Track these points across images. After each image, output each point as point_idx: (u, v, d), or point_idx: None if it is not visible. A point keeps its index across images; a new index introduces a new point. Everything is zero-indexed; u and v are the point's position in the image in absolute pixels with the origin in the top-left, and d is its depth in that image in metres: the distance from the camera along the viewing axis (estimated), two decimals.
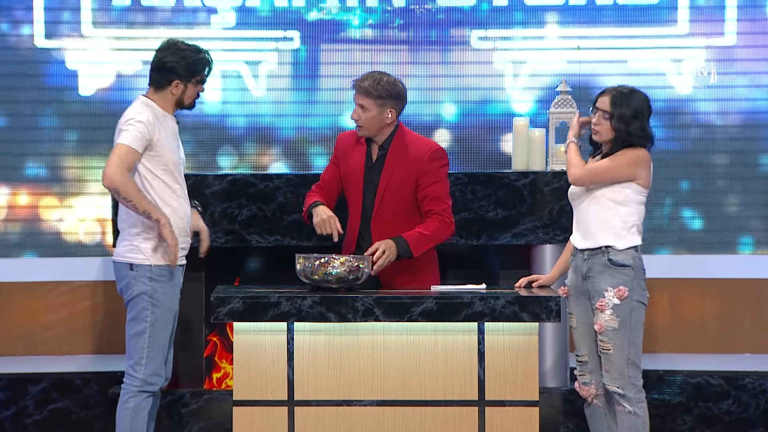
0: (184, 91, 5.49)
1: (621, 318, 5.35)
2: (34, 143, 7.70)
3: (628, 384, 5.37)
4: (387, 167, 5.75)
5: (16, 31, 7.71)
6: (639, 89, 5.48)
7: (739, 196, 7.69)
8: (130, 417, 5.42)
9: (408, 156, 5.76)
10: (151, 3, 7.70)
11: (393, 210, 5.73)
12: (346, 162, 5.84)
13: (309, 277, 5.35)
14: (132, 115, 5.41)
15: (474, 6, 7.70)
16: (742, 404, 6.83)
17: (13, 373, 6.95)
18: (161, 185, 5.44)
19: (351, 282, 5.34)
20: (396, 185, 5.73)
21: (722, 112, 7.70)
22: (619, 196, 5.40)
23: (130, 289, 5.44)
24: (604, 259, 5.39)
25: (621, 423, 5.38)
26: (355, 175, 5.78)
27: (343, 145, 5.89)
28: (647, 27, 7.69)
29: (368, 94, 5.71)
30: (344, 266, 5.32)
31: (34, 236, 7.71)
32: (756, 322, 7.70)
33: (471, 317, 5.21)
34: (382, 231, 5.70)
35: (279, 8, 7.71)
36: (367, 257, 5.40)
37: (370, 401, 5.29)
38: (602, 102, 5.45)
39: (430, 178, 5.75)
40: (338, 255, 5.36)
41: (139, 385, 5.43)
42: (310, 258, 5.33)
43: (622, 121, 5.39)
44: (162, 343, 5.45)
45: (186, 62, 5.45)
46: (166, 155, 5.43)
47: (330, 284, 5.34)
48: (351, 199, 5.83)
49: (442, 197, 5.77)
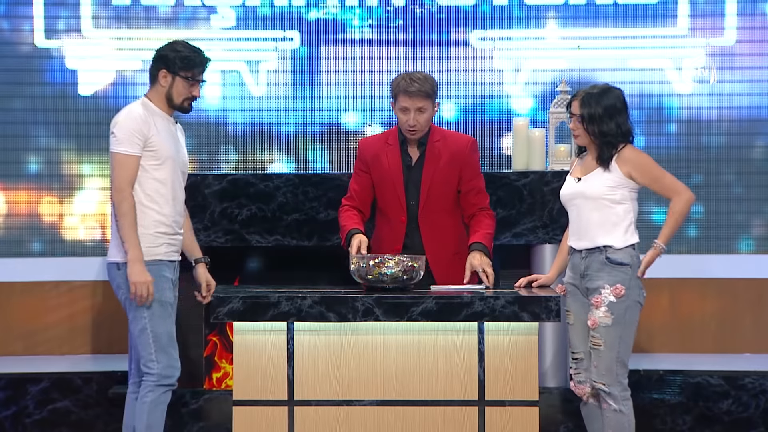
0: (172, 83, 5.46)
1: (615, 315, 5.34)
2: (33, 143, 7.70)
3: (615, 381, 5.36)
4: (429, 163, 5.70)
5: (16, 31, 7.71)
6: (612, 86, 5.43)
7: (739, 195, 7.69)
8: (147, 410, 5.41)
9: (448, 149, 5.71)
10: (151, 2, 7.70)
11: (439, 204, 5.71)
12: (378, 167, 5.72)
13: (363, 277, 5.34)
14: (122, 116, 5.39)
15: (474, 6, 7.70)
16: (742, 404, 6.83)
17: (13, 373, 6.95)
18: (152, 183, 5.41)
19: (405, 282, 5.33)
20: (441, 180, 5.69)
21: (722, 112, 7.70)
22: (616, 195, 5.39)
23: (121, 290, 5.44)
24: (602, 257, 5.38)
25: (607, 421, 5.37)
26: (393, 177, 5.70)
27: (371, 151, 5.76)
28: (647, 27, 7.69)
29: (428, 96, 5.61)
30: (399, 266, 5.32)
31: (33, 236, 7.71)
32: (756, 321, 7.70)
33: (471, 317, 5.20)
34: (431, 227, 5.69)
35: (279, 8, 7.71)
36: (420, 257, 5.38)
37: (369, 401, 5.29)
38: (574, 106, 5.41)
39: (473, 170, 5.74)
40: (392, 255, 5.35)
41: (156, 380, 5.43)
42: (364, 258, 5.33)
43: (593, 122, 5.36)
44: (166, 335, 5.44)
45: (177, 55, 5.44)
46: (159, 150, 5.40)
47: (385, 284, 5.33)
48: (390, 201, 5.73)
49: (484, 190, 5.79)
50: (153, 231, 5.43)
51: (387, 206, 5.74)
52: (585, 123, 5.37)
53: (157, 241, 5.43)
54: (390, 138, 5.77)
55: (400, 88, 5.62)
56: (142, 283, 5.34)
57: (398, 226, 5.73)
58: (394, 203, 5.73)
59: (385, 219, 5.77)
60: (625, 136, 5.39)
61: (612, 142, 5.36)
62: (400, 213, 5.71)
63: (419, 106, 5.60)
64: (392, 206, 5.73)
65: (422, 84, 5.60)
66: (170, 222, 5.48)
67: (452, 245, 5.74)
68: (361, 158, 5.78)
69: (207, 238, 6.79)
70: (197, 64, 5.48)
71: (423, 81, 5.61)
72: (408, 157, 5.73)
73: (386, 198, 5.74)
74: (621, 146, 5.39)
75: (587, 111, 5.36)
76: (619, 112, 5.37)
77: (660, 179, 5.39)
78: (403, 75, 5.66)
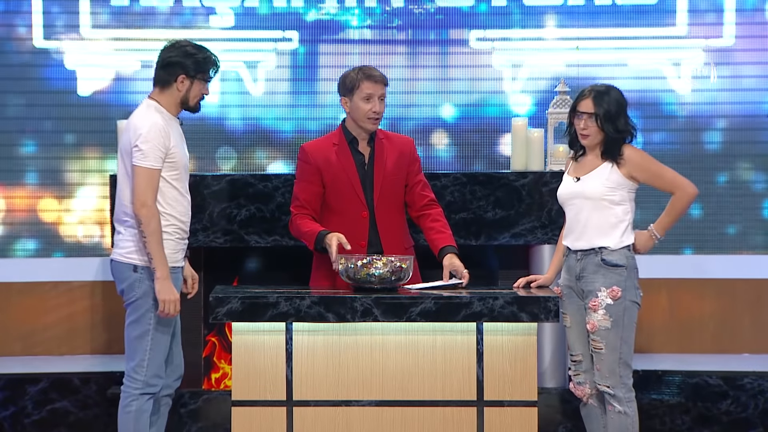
0: (190, 88, 5.46)
1: (614, 318, 5.35)
2: (32, 143, 7.70)
3: (619, 383, 5.36)
4: (380, 160, 5.73)
5: (15, 32, 7.71)
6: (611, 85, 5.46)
7: (738, 195, 7.69)
8: (133, 420, 5.41)
9: (394, 147, 5.76)
10: (149, 3, 7.70)
11: (391, 200, 5.73)
12: (330, 168, 5.70)
13: (352, 277, 5.35)
14: (145, 128, 5.34)
15: (473, 7, 7.70)
16: (740, 404, 6.83)
17: (11, 374, 6.95)
18: (173, 193, 5.41)
19: (394, 282, 5.34)
20: (392, 176, 5.72)
21: (720, 111, 7.71)
22: (616, 196, 5.39)
23: (132, 291, 5.41)
24: (597, 259, 5.38)
25: (611, 423, 5.38)
26: (349, 175, 5.70)
27: (321, 155, 5.72)
28: (646, 28, 7.69)
29: (386, 84, 5.71)
30: (387, 267, 5.32)
31: (32, 236, 7.71)
32: (755, 322, 7.70)
33: (470, 317, 5.20)
34: (386, 223, 5.70)
35: (277, 9, 7.71)
36: (408, 257, 5.38)
37: (368, 401, 5.28)
38: (585, 105, 5.41)
39: (418, 167, 5.82)
40: (380, 256, 5.36)
41: (140, 387, 5.42)
42: (352, 259, 5.33)
43: (609, 119, 5.37)
44: (163, 345, 5.44)
45: (193, 59, 5.44)
46: (179, 160, 5.41)
47: (373, 285, 5.34)
48: (348, 198, 5.72)
49: (428, 184, 5.86)
50: (174, 238, 5.44)
51: (345, 205, 5.71)
52: (601, 121, 5.37)
53: (177, 247, 5.44)
54: (335, 138, 5.76)
55: (361, 77, 5.65)
56: (170, 300, 5.35)
57: (361, 222, 5.72)
58: (353, 200, 5.70)
59: (341, 218, 5.71)
60: (631, 132, 5.42)
61: (621, 139, 5.38)
62: (361, 209, 5.71)
63: (381, 93, 5.65)
64: (351, 203, 5.70)
65: (379, 72, 5.68)
66: (187, 228, 5.50)
67: (404, 240, 5.80)
68: (310, 163, 5.71)
69: (206, 239, 6.79)
70: (212, 65, 5.50)
71: (376, 70, 5.69)
72: (360, 155, 5.73)
73: (344, 197, 5.71)
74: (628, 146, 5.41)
75: (603, 109, 5.36)
76: (625, 108, 5.41)
77: (662, 175, 5.40)
78: (356, 68, 5.72)
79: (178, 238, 5.46)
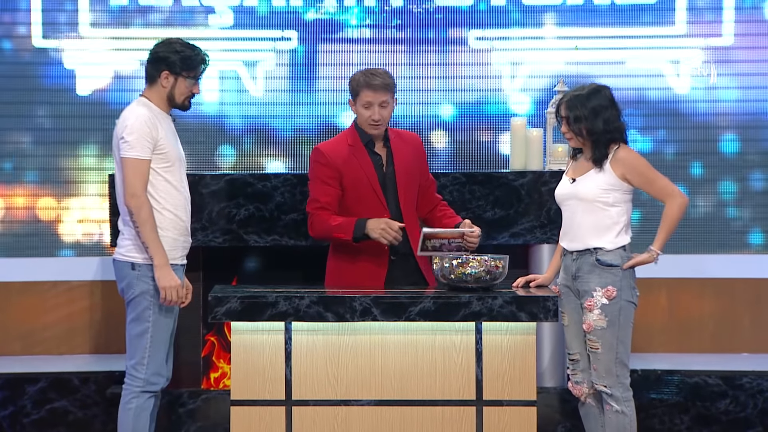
0: (174, 84, 5.46)
1: (610, 317, 5.35)
2: (31, 142, 7.70)
3: (616, 383, 5.36)
4: (398, 161, 5.71)
5: (14, 31, 7.71)
6: (599, 84, 5.44)
7: (738, 195, 7.69)
8: (132, 418, 5.41)
9: (407, 146, 5.76)
10: (148, 3, 7.70)
11: (412, 200, 5.75)
12: (351, 170, 5.66)
13: (446, 277, 5.35)
14: (131, 119, 5.37)
15: (472, 6, 7.70)
16: (739, 404, 6.83)
17: (10, 373, 6.95)
18: (165, 186, 5.42)
19: (488, 282, 5.34)
20: (410, 176, 5.72)
21: (720, 111, 7.70)
22: (610, 198, 5.39)
23: (131, 289, 5.42)
24: (592, 259, 5.39)
25: (608, 422, 5.38)
26: (370, 178, 5.67)
27: (340, 156, 5.68)
28: (645, 27, 7.69)
29: (390, 89, 5.65)
30: (482, 266, 5.33)
31: (31, 236, 7.71)
32: (754, 321, 7.70)
33: (469, 317, 5.20)
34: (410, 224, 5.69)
35: (277, 8, 7.71)
36: (504, 257, 5.38)
37: (367, 401, 5.28)
38: (562, 109, 5.43)
39: (426, 165, 5.85)
40: (475, 255, 5.36)
41: (141, 385, 5.42)
42: (446, 258, 5.33)
43: (579, 122, 5.36)
44: (163, 343, 5.45)
45: (178, 56, 5.44)
46: (169, 151, 5.41)
47: (468, 284, 5.33)
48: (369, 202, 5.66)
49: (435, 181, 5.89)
50: (172, 235, 5.43)
51: (364, 206, 5.67)
52: (571, 124, 5.37)
53: (174, 245, 5.44)
54: (349, 139, 5.73)
55: (362, 83, 5.62)
56: (172, 287, 5.35)
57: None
58: (373, 202, 5.68)
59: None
60: (615, 133, 5.38)
61: (602, 140, 5.36)
62: (382, 211, 5.67)
63: (382, 100, 5.61)
64: (372, 205, 5.68)
65: (384, 78, 5.63)
66: (186, 225, 5.50)
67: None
68: (329, 165, 5.66)
69: (205, 238, 6.79)
70: (199, 63, 5.49)
71: (384, 75, 5.65)
72: (377, 156, 5.72)
73: (364, 198, 5.67)
74: (615, 147, 5.39)
75: (573, 113, 5.37)
76: (605, 109, 5.36)
77: (653, 182, 5.39)
78: (363, 71, 5.69)
79: (177, 234, 5.44)
